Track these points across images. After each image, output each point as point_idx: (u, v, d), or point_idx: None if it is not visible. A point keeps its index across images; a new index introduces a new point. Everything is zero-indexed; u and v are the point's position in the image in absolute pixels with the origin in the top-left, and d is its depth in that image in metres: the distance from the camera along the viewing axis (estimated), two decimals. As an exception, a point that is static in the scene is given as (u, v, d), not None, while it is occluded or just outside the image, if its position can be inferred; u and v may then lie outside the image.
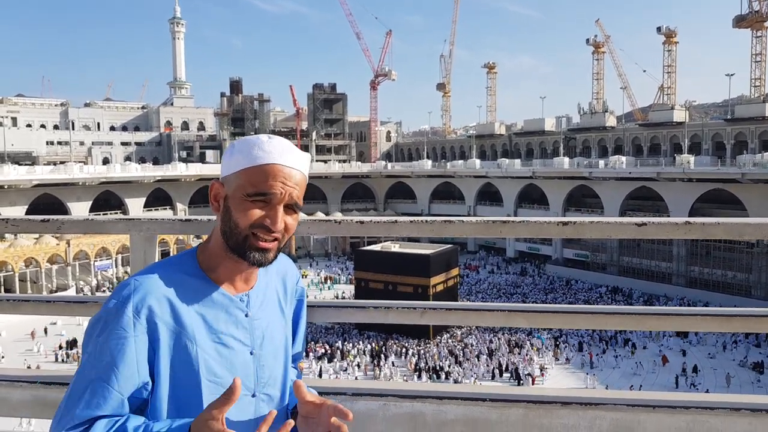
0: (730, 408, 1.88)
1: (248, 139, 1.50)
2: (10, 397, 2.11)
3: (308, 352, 37.32)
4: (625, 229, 1.97)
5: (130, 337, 1.35)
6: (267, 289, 1.63)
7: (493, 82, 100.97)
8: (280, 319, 1.65)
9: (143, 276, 1.44)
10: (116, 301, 1.38)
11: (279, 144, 1.49)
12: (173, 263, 1.52)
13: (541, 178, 69.06)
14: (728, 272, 51.14)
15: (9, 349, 36.78)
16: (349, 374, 33.97)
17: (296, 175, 1.49)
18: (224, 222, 1.48)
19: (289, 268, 1.75)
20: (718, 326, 2.02)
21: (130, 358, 1.35)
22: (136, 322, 1.36)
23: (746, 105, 64.84)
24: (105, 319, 1.37)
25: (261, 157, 1.45)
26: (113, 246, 56.80)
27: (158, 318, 1.39)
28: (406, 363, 35.89)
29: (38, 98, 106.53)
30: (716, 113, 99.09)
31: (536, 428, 1.96)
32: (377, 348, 38.15)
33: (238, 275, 1.54)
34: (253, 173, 1.45)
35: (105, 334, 1.36)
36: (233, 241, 1.47)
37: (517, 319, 2.11)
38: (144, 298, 1.39)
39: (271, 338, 1.59)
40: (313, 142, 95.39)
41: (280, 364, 1.62)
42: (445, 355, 36.96)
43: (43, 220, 2.26)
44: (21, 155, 79.13)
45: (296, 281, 1.77)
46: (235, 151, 1.49)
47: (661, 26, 79.03)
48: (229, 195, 1.47)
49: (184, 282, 1.47)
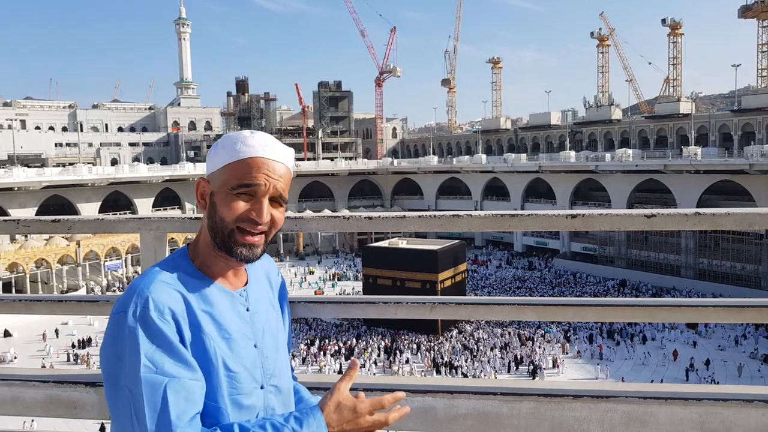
0: (743, 399, 1.87)
1: (231, 135, 1.51)
2: (24, 397, 2.13)
3: (324, 351, 37.26)
4: (635, 220, 1.96)
5: (171, 333, 1.35)
6: (258, 284, 1.66)
7: (498, 77, 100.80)
8: (273, 313, 1.68)
9: (149, 279, 1.42)
10: (135, 308, 1.34)
11: (261, 138, 1.50)
12: (170, 265, 1.50)
13: (547, 173, 68.83)
14: (737, 264, 50.81)
15: (20, 351, 37.03)
16: (368, 371, 33.79)
17: (280, 168, 1.49)
18: (210, 218, 1.48)
19: (270, 266, 1.77)
20: (730, 317, 2.01)
21: (184, 348, 1.36)
22: (163, 322, 1.35)
23: (753, 95, 64.44)
24: (132, 329, 1.32)
25: (244, 151, 1.46)
26: (123, 246, 57.07)
27: (180, 316, 1.39)
28: (423, 359, 35.77)
29: (46, 100, 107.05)
30: (723, 104, 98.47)
31: (547, 421, 1.96)
32: (392, 344, 37.98)
33: (230, 272, 1.56)
34: (237, 167, 1.45)
35: (139, 342, 1.31)
36: (220, 237, 1.47)
37: (527, 313, 2.11)
38: (162, 299, 1.38)
39: (270, 331, 1.61)
40: (320, 140, 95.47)
41: (281, 356, 1.64)
42: (459, 350, 36.92)
43: (54, 220, 2.27)
44: (30, 157, 79.67)
45: (276, 274, 1.80)
46: (219, 148, 1.50)
47: (665, 18, 78.70)
48: (215, 191, 1.48)
49: (186, 282, 1.47)
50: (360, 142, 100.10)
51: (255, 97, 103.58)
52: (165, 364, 1.30)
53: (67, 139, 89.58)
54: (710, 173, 54.20)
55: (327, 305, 2.20)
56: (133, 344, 1.30)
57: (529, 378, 32.04)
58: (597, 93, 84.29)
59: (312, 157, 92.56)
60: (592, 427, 1.93)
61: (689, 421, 1.89)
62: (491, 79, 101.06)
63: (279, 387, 1.59)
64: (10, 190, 59.82)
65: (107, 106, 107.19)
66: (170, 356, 1.32)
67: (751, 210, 1.90)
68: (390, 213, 2.13)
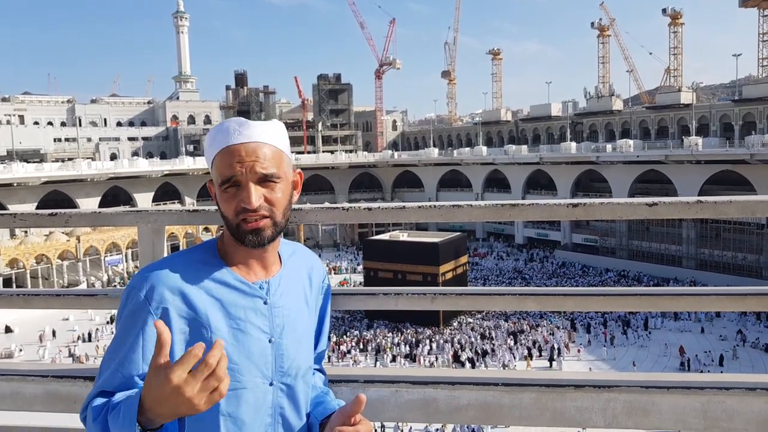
0: (746, 388, 1.86)
1: (210, 130, 1.54)
2: (23, 391, 2.12)
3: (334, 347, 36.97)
4: (636, 209, 1.94)
5: (139, 323, 1.40)
6: (291, 278, 1.63)
7: (499, 68, 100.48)
8: (304, 310, 1.64)
9: (156, 265, 1.47)
10: (129, 291, 1.44)
11: (230, 125, 1.49)
12: (192, 252, 1.55)
13: (548, 164, 68.78)
14: (738, 254, 50.85)
15: (21, 347, 37.10)
16: (394, 366, 33.58)
17: (253, 148, 1.46)
18: (220, 214, 1.52)
19: (315, 264, 1.75)
20: (732, 305, 2.00)
21: (139, 341, 1.39)
22: (148, 309, 1.39)
23: (754, 85, 64.24)
24: (121, 306, 1.44)
25: (216, 145, 1.48)
26: (123, 241, 57.12)
27: (170, 304, 1.41)
28: (441, 351, 35.58)
29: (45, 96, 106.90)
30: (724, 94, 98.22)
31: (549, 411, 1.95)
32: (417, 338, 37.68)
33: (253, 262, 1.55)
34: (217, 163, 1.48)
35: (121, 321, 1.43)
36: (230, 230, 1.50)
37: (527, 303, 2.10)
38: (154, 287, 1.41)
39: (294, 328, 1.57)
40: (319, 133, 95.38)
41: (303, 356, 1.60)
42: (472, 340, 36.90)
43: (51, 214, 2.26)
44: (29, 153, 79.66)
45: (322, 278, 1.77)
46: (206, 146, 1.54)
47: (666, 8, 78.27)
48: (215, 190, 1.52)
49: (200, 270, 1.48)
50: (360, 135, 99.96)
51: (254, 90, 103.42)
52: (116, 345, 1.41)
53: (65, 134, 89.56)
54: (711, 163, 54.14)
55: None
56: (117, 317, 1.46)
57: (546, 365, 32.85)
58: (598, 84, 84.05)
59: (312, 150, 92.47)
60: (594, 416, 1.92)
61: (692, 409, 1.88)
62: (491, 71, 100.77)
63: (292, 387, 1.56)
64: (9, 186, 59.79)
65: (106, 101, 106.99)
66: (121, 343, 1.40)
67: (754, 197, 1.89)
68: (389, 204, 2.11)
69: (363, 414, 1.47)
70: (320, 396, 1.72)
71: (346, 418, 1.45)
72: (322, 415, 1.62)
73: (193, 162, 74.99)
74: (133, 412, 1.19)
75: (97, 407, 1.32)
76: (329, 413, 1.60)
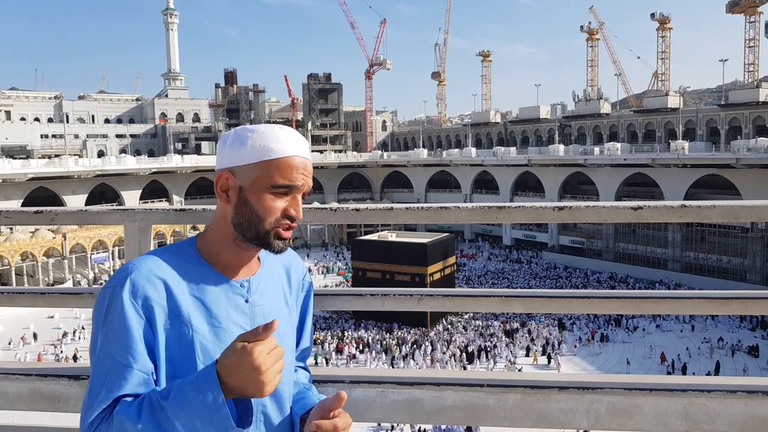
0: (727, 390, 1.88)
1: (258, 129, 1.50)
2: (6, 390, 2.10)
3: (341, 349, 36.19)
4: (621, 212, 1.96)
5: (133, 319, 1.37)
6: (270, 277, 1.63)
7: (488, 70, 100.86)
8: (283, 308, 1.64)
9: (139, 260, 1.45)
10: (113, 285, 1.40)
11: (291, 134, 1.51)
12: (172, 250, 1.52)
13: (536, 166, 69.09)
14: (723, 257, 51.36)
15: (7, 345, 36.69)
16: (406, 367, 33.38)
17: (309, 165, 1.52)
18: (240, 215, 1.48)
19: (294, 261, 1.75)
20: (715, 309, 2.02)
21: (138, 336, 1.37)
22: (134, 304, 1.38)
23: (740, 90, 64.89)
24: (106, 306, 1.38)
25: (280, 149, 1.47)
26: (110, 239, 56.67)
27: (154, 301, 1.40)
28: (450, 352, 35.37)
29: (32, 91, 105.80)
30: (710, 99, 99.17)
31: (534, 413, 1.96)
32: (422, 338, 37.51)
33: (238, 262, 1.55)
34: (273, 165, 1.46)
35: (109, 320, 1.37)
36: (253, 232, 1.48)
37: (513, 305, 2.11)
38: (139, 282, 1.39)
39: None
40: (309, 133, 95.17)
41: (286, 356, 1.61)
42: (472, 339, 36.98)
43: (37, 211, 2.24)
44: (15, 149, 78.82)
45: (302, 276, 1.77)
46: (246, 141, 1.47)
47: (654, 12, 78.97)
48: (244, 187, 1.47)
49: (182, 267, 1.47)
50: (349, 135, 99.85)
51: (244, 88, 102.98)
52: (115, 345, 1.36)
53: (53, 130, 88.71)
54: (697, 167, 54.61)
55: (314, 297, 2.18)
56: (102, 318, 1.39)
57: (545, 364, 33.35)
58: (586, 87, 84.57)
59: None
60: (577, 418, 1.94)
61: (674, 411, 1.90)
62: (481, 73, 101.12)
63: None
64: (-5, 182, 59.23)
65: (94, 98, 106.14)
66: (124, 340, 1.36)
67: (737, 202, 1.91)
68: (377, 205, 2.12)
69: (349, 415, 1.48)
70: (302, 392, 1.72)
71: (326, 412, 1.45)
72: (303, 410, 1.62)
73: (182, 160, 74.53)
74: (215, 380, 1.22)
75: (132, 407, 1.28)
76: (309, 408, 1.60)
